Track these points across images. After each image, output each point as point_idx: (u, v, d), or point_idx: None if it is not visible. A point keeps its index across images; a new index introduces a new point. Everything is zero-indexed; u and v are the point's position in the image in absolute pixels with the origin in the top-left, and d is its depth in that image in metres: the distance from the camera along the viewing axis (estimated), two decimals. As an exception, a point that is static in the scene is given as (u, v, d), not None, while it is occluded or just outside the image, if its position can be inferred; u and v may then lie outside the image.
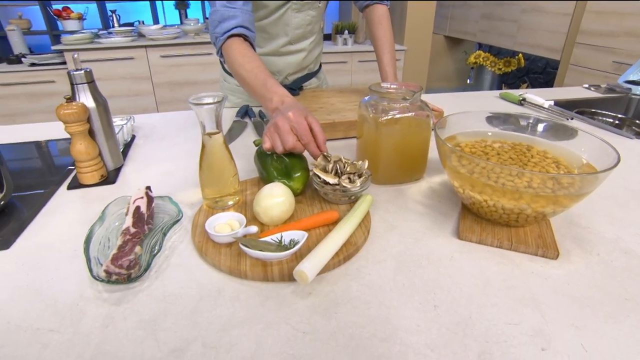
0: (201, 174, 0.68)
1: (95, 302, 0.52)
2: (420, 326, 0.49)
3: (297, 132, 0.71)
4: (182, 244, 0.64)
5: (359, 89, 1.32)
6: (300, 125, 0.71)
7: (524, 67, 4.21)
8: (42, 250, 0.63)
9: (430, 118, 0.79)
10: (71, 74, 0.77)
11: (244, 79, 0.91)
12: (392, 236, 0.65)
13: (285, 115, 0.73)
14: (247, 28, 0.96)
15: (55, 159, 1.00)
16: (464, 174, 0.65)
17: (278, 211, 0.62)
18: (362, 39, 3.72)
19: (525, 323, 0.49)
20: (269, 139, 0.73)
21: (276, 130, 0.72)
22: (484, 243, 0.65)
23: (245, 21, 0.96)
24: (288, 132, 0.71)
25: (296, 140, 0.71)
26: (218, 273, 0.57)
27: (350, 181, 0.68)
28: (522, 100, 1.43)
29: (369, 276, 0.56)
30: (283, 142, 0.71)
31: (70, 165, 0.89)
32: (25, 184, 0.84)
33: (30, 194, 0.79)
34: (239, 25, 0.94)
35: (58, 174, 0.87)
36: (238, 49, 0.93)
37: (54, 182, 0.84)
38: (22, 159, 1.01)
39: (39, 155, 1.03)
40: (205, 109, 0.62)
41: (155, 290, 0.54)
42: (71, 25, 3.34)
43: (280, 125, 0.71)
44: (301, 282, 0.52)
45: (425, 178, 0.85)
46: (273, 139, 0.72)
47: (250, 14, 0.98)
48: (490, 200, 0.63)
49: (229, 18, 0.94)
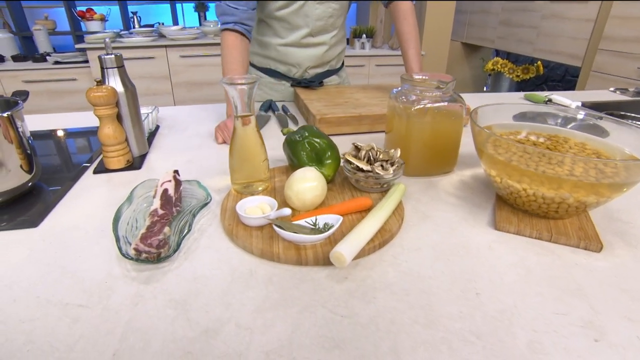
0: (231, 157, 0.67)
1: (124, 280, 0.51)
2: (463, 312, 0.46)
3: None
4: (210, 227, 0.62)
5: (382, 86, 1.31)
6: None
7: (542, 74, 4.16)
8: (69, 229, 0.62)
9: (463, 109, 0.76)
10: (102, 58, 0.77)
11: (222, 67, 1.09)
12: (426, 225, 0.63)
13: None
14: (243, 24, 1.07)
15: (78, 149, 1.00)
16: (501, 161, 0.63)
17: (311, 195, 0.60)
18: (380, 44, 3.71)
19: (574, 313, 0.46)
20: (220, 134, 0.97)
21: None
22: (522, 234, 0.62)
23: (242, 18, 1.07)
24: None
25: None
26: (249, 256, 0.55)
27: (383, 169, 0.66)
28: (547, 102, 1.40)
29: (406, 263, 0.54)
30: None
31: (86, 162, 0.89)
32: (50, 169, 0.84)
33: (57, 178, 0.79)
34: (235, 22, 1.06)
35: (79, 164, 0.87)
36: (227, 41, 1.07)
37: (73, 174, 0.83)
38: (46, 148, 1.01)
39: (61, 144, 1.03)
40: (238, 89, 0.61)
41: (185, 271, 0.52)
42: (94, 26, 3.39)
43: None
44: (338, 265, 0.50)
45: (455, 171, 0.83)
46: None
47: (250, 12, 1.08)
48: (529, 189, 0.61)
49: (227, 14, 1.06)
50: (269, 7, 1.14)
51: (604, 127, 0.72)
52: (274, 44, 1.23)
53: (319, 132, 0.73)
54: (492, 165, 0.65)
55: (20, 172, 0.68)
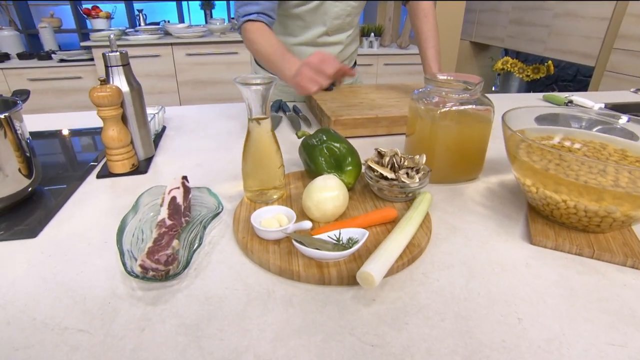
0: (244, 163, 0.62)
1: (129, 301, 0.46)
2: (506, 342, 0.41)
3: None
4: (223, 239, 0.57)
5: (396, 86, 1.25)
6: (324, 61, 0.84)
7: (552, 74, 4.08)
8: (70, 240, 0.57)
9: (491, 112, 0.71)
10: (106, 55, 0.73)
11: (262, 52, 0.98)
12: (456, 239, 0.58)
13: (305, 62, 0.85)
14: (267, 15, 1.00)
15: (83, 148, 0.96)
16: (538, 170, 0.58)
17: (331, 206, 0.55)
18: (389, 42, 3.65)
19: (631, 345, 0.41)
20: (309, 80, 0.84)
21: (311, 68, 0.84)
22: (561, 249, 0.57)
23: (266, 9, 1.00)
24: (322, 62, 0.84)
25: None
26: (266, 273, 0.50)
27: (408, 176, 0.61)
28: (568, 103, 1.34)
29: (438, 282, 0.49)
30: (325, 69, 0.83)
31: (93, 161, 0.84)
32: (53, 172, 0.79)
33: (59, 182, 0.74)
34: (259, 12, 0.99)
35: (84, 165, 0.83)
36: (258, 29, 0.99)
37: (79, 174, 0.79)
38: (50, 148, 0.97)
39: (65, 145, 0.99)
40: (253, 89, 0.56)
41: (196, 290, 0.48)
42: (99, 24, 3.36)
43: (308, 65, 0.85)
44: (365, 286, 0.45)
45: (480, 178, 0.78)
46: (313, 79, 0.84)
47: (273, 1, 1.02)
48: (570, 200, 0.55)
49: (250, 3, 0.99)
50: (285, 4, 1.09)
51: (632, 131, 0.67)
52: (287, 43, 1.18)
53: (338, 135, 0.68)
54: (527, 173, 0.60)
55: (18, 176, 0.64)
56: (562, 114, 0.73)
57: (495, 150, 0.88)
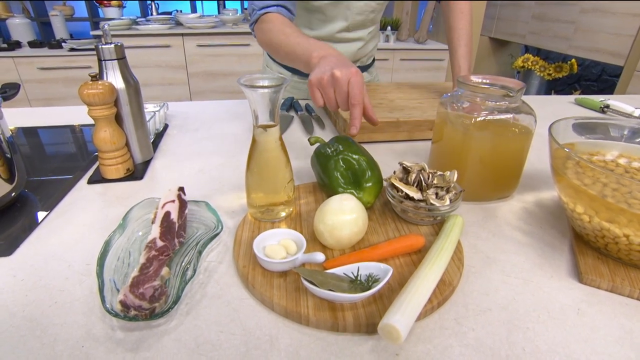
0: (249, 175, 0.54)
1: (106, 345, 0.39)
2: None
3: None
4: (221, 265, 0.50)
5: (417, 85, 1.16)
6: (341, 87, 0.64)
7: (575, 73, 3.92)
8: (48, 262, 0.50)
9: (533, 122, 0.62)
10: (99, 48, 0.65)
11: (282, 42, 0.85)
12: (492, 274, 0.50)
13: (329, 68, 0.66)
14: (287, 9, 0.91)
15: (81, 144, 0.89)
16: (592, 195, 0.49)
17: (348, 232, 0.47)
18: (405, 37, 3.53)
19: None
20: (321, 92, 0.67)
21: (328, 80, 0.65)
22: (619, 292, 0.48)
23: (286, 2, 0.91)
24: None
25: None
26: (269, 313, 0.43)
27: (438, 197, 0.53)
28: (604, 107, 1.23)
29: (473, 332, 0.41)
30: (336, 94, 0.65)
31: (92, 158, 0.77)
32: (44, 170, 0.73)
33: (46, 187, 0.68)
34: (277, 5, 0.90)
35: (82, 164, 0.76)
36: (278, 19, 0.88)
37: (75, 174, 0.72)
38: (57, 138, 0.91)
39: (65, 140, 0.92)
40: (260, 93, 0.48)
41: (186, 334, 0.40)
42: (111, 12, 3.31)
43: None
44: (389, 341, 0.37)
45: (514, 196, 0.69)
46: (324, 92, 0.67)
47: None
48: (634, 235, 0.46)
49: None
50: None
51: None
52: None
53: (357, 145, 0.60)
54: (577, 197, 0.51)
55: (-3, 182, 0.57)
56: (600, 123, 0.64)
57: (531, 163, 0.79)
